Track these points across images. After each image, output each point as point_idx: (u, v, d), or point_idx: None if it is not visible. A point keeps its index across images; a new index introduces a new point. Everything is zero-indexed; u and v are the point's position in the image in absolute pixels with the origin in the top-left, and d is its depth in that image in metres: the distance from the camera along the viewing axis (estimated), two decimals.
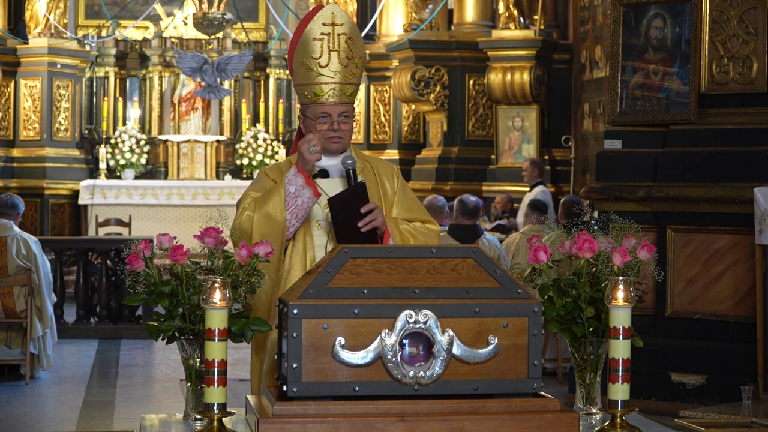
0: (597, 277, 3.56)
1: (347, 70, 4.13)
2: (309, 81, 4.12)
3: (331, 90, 4.11)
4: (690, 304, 7.88)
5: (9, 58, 16.26)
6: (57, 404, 8.59)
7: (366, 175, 4.23)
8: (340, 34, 4.12)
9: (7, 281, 9.12)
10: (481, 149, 15.93)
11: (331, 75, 4.10)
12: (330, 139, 4.15)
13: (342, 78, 4.12)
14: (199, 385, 3.41)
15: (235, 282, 3.39)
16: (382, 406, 2.98)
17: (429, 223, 4.29)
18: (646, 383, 7.62)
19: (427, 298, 3.04)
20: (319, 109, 4.13)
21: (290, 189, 4.03)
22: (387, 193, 4.26)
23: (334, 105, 4.12)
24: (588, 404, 3.57)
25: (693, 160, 7.90)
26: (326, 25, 4.11)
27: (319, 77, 4.11)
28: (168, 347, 7.93)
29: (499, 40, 15.63)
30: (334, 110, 4.13)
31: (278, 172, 4.23)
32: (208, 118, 17.48)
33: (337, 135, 4.15)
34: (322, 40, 4.10)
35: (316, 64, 4.10)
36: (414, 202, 4.33)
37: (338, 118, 4.14)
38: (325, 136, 4.14)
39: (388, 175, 4.30)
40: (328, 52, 4.10)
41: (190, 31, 17.39)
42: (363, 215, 3.99)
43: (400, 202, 4.27)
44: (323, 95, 4.11)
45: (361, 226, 3.98)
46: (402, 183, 4.33)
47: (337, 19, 4.12)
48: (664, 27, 8.06)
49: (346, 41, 4.12)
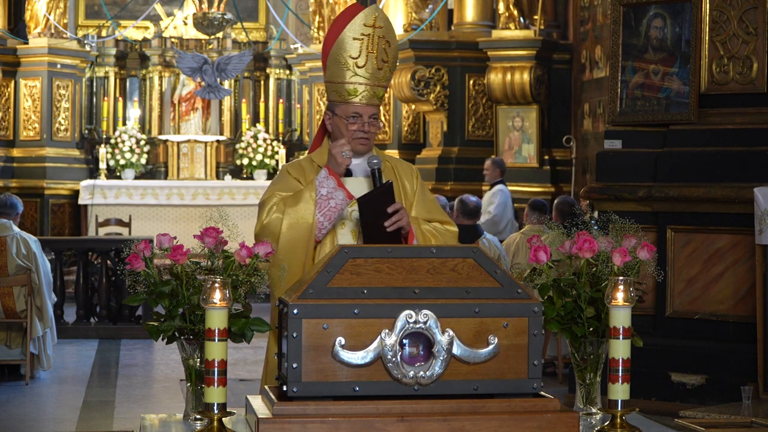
0: (597, 277, 3.56)
1: (381, 73, 4.14)
2: (343, 79, 4.12)
3: (365, 91, 4.11)
4: (690, 304, 7.87)
5: (9, 58, 16.27)
6: (57, 404, 8.59)
7: (387, 175, 4.23)
8: (380, 36, 4.12)
9: (7, 281, 9.11)
10: (481, 149, 15.92)
11: (366, 76, 4.10)
12: (358, 139, 4.14)
13: (376, 80, 4.13)
14: (199, 385, 3.41)
15: (235, 282, 3.39)
16: (382, 406, 2.98)
17: (447, 224, 4.29)
18: (646, 383, 7.62)
19: (427, 298, 3.04)
20: (351, 108, 4.13)
21: (322, 191, 4.03)
22: (407, 193, 4.26)
23: (365, 106, 4.13)
24: (588, 404, 3.57)
25: (693, 160, 7.90)
26: (367, 26, 4.10)
27: (354, 77, 4.10)
28: (168, 347, 7.92)
29: (499, 40, 15.62)
30: (365, 111, 4.13)
31: (300, 170, 4.21)
32: (208, 118, 17.48)
33: (366, 137, 4.15)
34: (362, 41, 4.09)
35: (354, 63, 4.10)
36: (433, 203, 4.34)
37: (368, 119, 4.14)
38: (354, 136, 4.14)
39: (408, 176, 4.30)
40: (366, 53, 4.10)
41: (190, 31, 17.39)
42: (389, 215, 3.99)
43: (419, 202, 4.27)
44: (357, 95, 4.11)
45: (387, 226, 3.98)
46: (421, 183, 4.34)
47: (378, 22, 4.12)
48: (664, 27, 8.06)
49: (384, 44, 4.13)
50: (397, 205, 4.02)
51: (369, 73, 4.11)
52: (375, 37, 4.11)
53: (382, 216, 3.99)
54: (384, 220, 3.98)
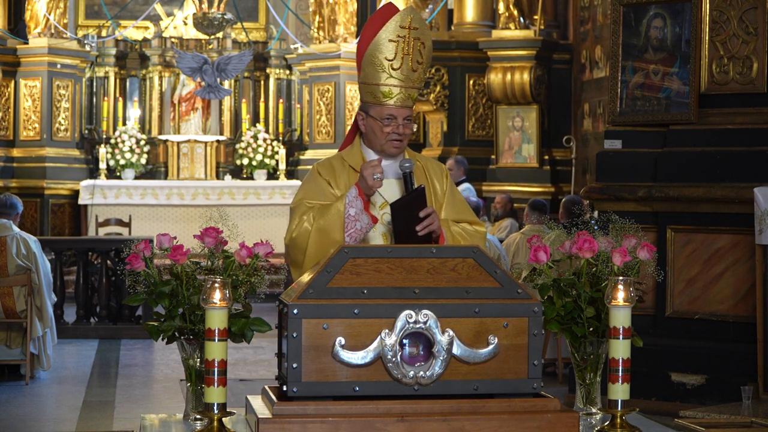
0: (597, 277, 3.56)
1: (416, 75, 4.12)
2: (378, 81, 4.10)
3: (400, 93, 4.10)
4: (690, 304, 7.87)
5: (9, 58, 16.27)
6: (57, 404, 8.59)
7: (417, 175, 4.22)
8: (415, 38, 4.11)
9: (7, 281, 9.11)
10: (481, 149, 15.93)
11: (401, 78, 4.09)
12: (392, 142, 4.13)
13: (410, 82, 4.11)
14: (199, 385, 3.41)
15: (235, 282, 3.39)
16: (382, 406, 2.98)
17: (476, 225, 4.27)
18: (646, 383, 7.62)
19: (427, 298, 3.04)
20: (385, 110, 4.11)
21: (351, 211, 4.00)
22: (437, 193, 4.25)
23: (400, 108, 4.11)
24: (588, 404, 3.57)
25: (693, 160, 7.90)
26: (402, 28, 4.09)
27: (389, 78, 4.09)
28: (168, 347, 7.91)
29: (499, 40, 15.63)
30: (400, 113, 4.11)
31: (330, 170, 4.19)
32: (208, 118, 17.48)
33: (400, 138, 4.13)
34: (397, 42, 4.08)
35: (389, 65, 4.08)
36: (462, 204, 4.32)
37: (403, 121, 4.12)
38: (388, 138, 4.12)
39: (438, 176, 4.28)
40: (401, 54, 4.08)
41: (190, 31, 17.39)
42: (420, 219, 3.97)
43: (449, 203, 4.25)
44: (392, 97, 4.10)
45: (419, 230, 3.97)
46: (451, 183, 4.32)
47: (413, 23, 4.11)
48: (664, 27, 8.06)
49: (419, 46, 4.12)
50: (429, 210, 4.00)
51: (404, 74, 4.09)
52: (410, 39, 4.10)
53: (414, 220, 3.98)
54: (416, 224, 3.97)
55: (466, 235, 4.16)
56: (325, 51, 16.69)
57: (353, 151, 4.23)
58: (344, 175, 4.16)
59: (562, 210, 9.86)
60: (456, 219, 4.23)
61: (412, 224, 3.96)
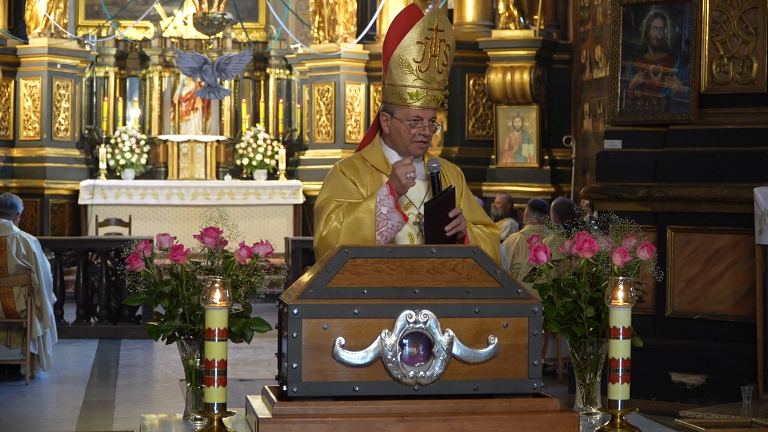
0: (597, 277, 3.56)
1: (441, 77, 4.13)
2: (406, 83, 4.10)
3: (426, 95, 4.10)
4: (690, 304, 7.87)
5: (9, 58, 16.27)
6: (57, 404, 8.59)
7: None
8: (442, 40, 4.12)
9: (7, 281, 9.11)
10: (481, 149, 15.93)
11: (428, 80, 4.09)
12: (417, 143, 4.13)
13: (438, 84, 4.12)
14: (199, 385, 3.41)
15: (235, 282, 3.39)
16: (382, 406, 2.98)
17: (491, 227, 4.29)
18: (646, 383, 7.62)
19: (427, 298, 3.04)
20: (412, 112, 4.10)
21: (382, 210, 4.00)
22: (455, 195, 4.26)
23: (426, 110, 4.11)
24: (588, 404, 3.57)
25: (693, 160, 7.90)
26: (431, 30, 4.10)
27: (416, 80, 4.09)
28: (168, 347, 7.92)
29: (499, 40, 15.63)
30: (426, 115, 4.11)
31: (354, 170, 4.18)
32: (208, 118, 17.48)
33: (425, 140, 4.14)
34: (425, 45, 4.09)
35: (417, 67, 4.08)
36: (477, 206, 4.34)
37: (428, 123, 4.12)
38: (413, 140, 4.12)
39: (454, 178, 4.29)
40: (429, 56, 4.09)
41: (190, 31, 17.39)
42: (449, 219, 3.98)
43: (465, 205, 4.25)
44: (419, 99, 4.10)
45: (447, 230, 3.97)
46: (466, 186, 4.33)
47: (440, 25, 4.12)
48: (664, 27, 8.06)
49: (445, 49, 4.13)
50: (458, 210, 4.02)
51: (430, 77, 4.10)
52: (437, 41, 4.11)
53: (443, 220, 3.98)
54: (444, 225, 3.97)
55: (485, 237, 4.17)
56: (325, 51, 16.69)
57: (374, 151, 4.23)
58: (368, 174, 4.16)
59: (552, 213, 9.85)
60: (472, 221, 4.23)
61: (441, 224, 3.98)
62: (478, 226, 4.22)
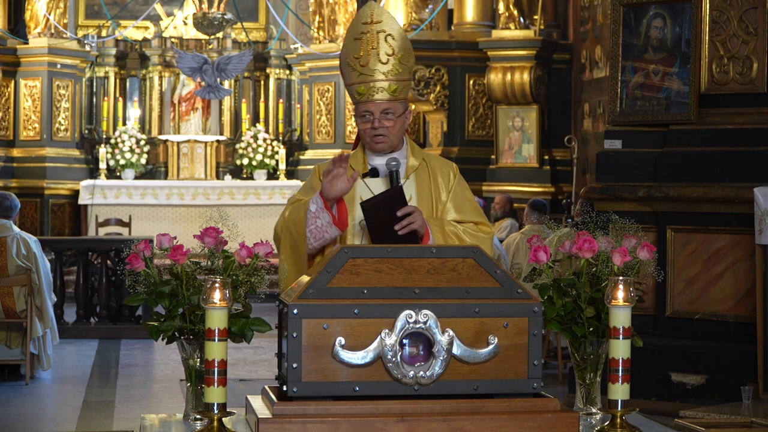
0: (597, 277, 3.56)
1: (389, 67, 4.08)
2: (353, 80, 4.11)
3: (373, 88, 4.08)
4: (690, 304, 7.87)
5: (9, 58, 16.27)
6: (57, 404, 8.59)
7: (420, 174, 4.19)
8: (379, 31, 4.09)
9: (7, 281, 9.11)
10: (481, 149, 15.93)
11: (371, 73, 4.07)
12: (373, 138, 4.11)
13: (384, 75, 4.08)
14: (199, 385, 3.41)
15: (235, 282, 3.39)
16: (382, 406, 2.98)
17: (482, 225, 4.22)
18: (646, 383, 7.62)
19: (427, 298, 3.04)
20: (362, 107, 4.10)
21: (312, 207, 4.02)
22: (440, 192, 4.22)
23: (376, 102, 4.08)
24: (588, 404, 3.57)
25: (693, 160, 7.90)
26: (365, 24, 4.09)
27: (361, 76, 4.08)
28: (168, 347, 7.91)
29: (499, 40, 15.63)
30: (376, 108, 4.08)
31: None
32: (208, 118, 17.48)
33: (380, 133, 4.09)
34: (362, 39, 4.08)
35: (357, 63, 4.08)
36: (468, 203, 4.26)
37: (380, 116, 4.09)
38: (369, 135, 4.12)
39: (443, 174, 4.24)
40: (368, 50, 4.08)
41: (190, 31, 17.40)
42: (400, 218, 3.96)
43: (452, 201, 4.21)
44: (365, 93, 4.08)
45: (397, 229, 3.96)
46: (459, 182, 4.26)
47: (375, 17, 4.10)
48: (664, 27, 8.06)
49: (386, 38, 4.09)
50: (408, 209, 3.97)
51: (372, 69, 4.08)
52: (374, 32, 4.09)
53: (394, 219, 3.96)
54: (395, 223, 3.95)
55: (464, 237, 4.11)
56: (325, 51, 16.68)
57: (357, 151, 4.25)
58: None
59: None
60: (458, 219, 4.19)
61: (392, 223, 3.96)
62: (465, 225, 4.19)
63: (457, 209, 4.22)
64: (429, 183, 4.19)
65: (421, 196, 4.15)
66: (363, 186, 4.13)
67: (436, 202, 4.18)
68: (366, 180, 4.13)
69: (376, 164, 4.17)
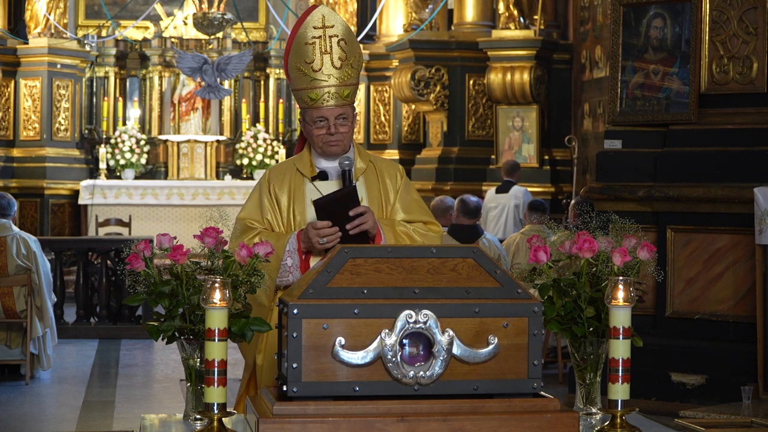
0: (597, 277, 3.56)
1: (342, 72, 4.07)
2: (304, 86, 4.07)
3: (327, 93, 4.06)
4: (690, 304, 7.87)
5: (9, 58, 16.27)
6: (57, 404, 8.59)
7: (368, 176, 4.21)
8: (332, 36, 4.07)
9: (7, 281, 9.11)
10: (481, 149, 15.93)
11: (324, 78, 4.05)
12: (328, 143, 4.11)
13: (337, 80, 4.06)
14: (199, 385, 3.41)
15: (235, 282, 3.39)
16: (382, 406, 2.98)
17: (431, 224, 4.25)
18: (646, 383, 7.62)
19: (427, 298, 3.04)
20: (315, 113, 4.09)
21: (288, 261, 4.02)
22: (389, 193, 4.24)
23: (331, 108, 4.07)
24: (588, 404, 3.57)
25: (693, 160, 7.90)
26: (317, 29, 4.06)
27: (313, 81, 4.05)
28: (168, 347, 7.93)
29: (499, 40, 15.63)
30: (330, 113, 4.08)
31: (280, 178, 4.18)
32: (208, 118, 17.48)
33: (336, 138, 4.10)
34: (314, 44, 4.05)
35: (310, 68, 4.05)
36: (415, 203, 4.28)
37: (335, 121, 4.09)
38: (323, 140, 4.11)
39: (391, 175, 4.26)
40: (320, 55, 4.04)
41: (190, 31, 17.39)
42: (352, 218, 3.97)
43: (400, 202, 4.24)
44: (319, 99, 4.06)
45: (349, 229, 3.97)
46: (405, 183, 4.29)
47: (327, 21, 4.07)
48: (664, 27, 8.06)
49: (338, 42, 4.07)
50: (360, 209, 3.99)
51: (327, 74, 4.05)
52: (326, 38, 4.06)
53: (346, 219, 3.97)
54: (347, 223, 3.96)
55: (414, 235, 4.15)
56: None
57: (302, 155, 4.24)
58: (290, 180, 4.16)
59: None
60: (407, 219, 4.22)
61: (344, 223, 3.96)
62: (414, 224, 4.20)
63: (406, 209, 4.25)
64: (378, 184, 4.22)
65: (370, 198, 4.17)
66: (313, 189, 4.14)
67: (385, 203, 4.20)
68: (316, 183, 4.14)
69: (323, 167, 4.18)
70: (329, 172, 4.17)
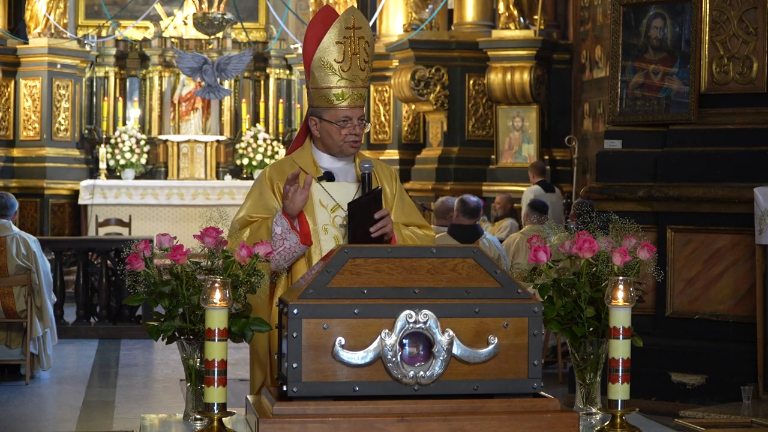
0: (597, 277, 3.56)
1: (363, 74, 4.13)
2: (330, 84, 4.10)
3: (352, 94, 4.11)
4: (690, 304, 7.87)
5: (9, 58, 16.27)
6: (57, 404, 8.59)
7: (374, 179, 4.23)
8: (360, 37, 4.11)
9: (7, 281, 9.11)
10: (481, 149, 15.92)
11: (352, 79, 4.09)
12: (349, 143, 4.15)
13: (362, 82, 4.13)
14: (199, 385, 3.41)
15: (235, 282, 3.39)
16: (382, 406, 2.98)
17: (425, 228, 4.31)
18: (646, 383, 7.62)
19: (427, 298, 3.04)
20: (341, 113, 4.11)
21: (276, 230, 4.01)
22: (387, 196, 4.26)
23: (354, 109, 4.12)
24: (588, 404, 3.57)
25: (693, 160, 7.90)
26: (348, 29, 4.09)
27: (341, 81, 4.09)
28: (168, 347, 7.93)
29: (499, 40, 15.62)
30: (354, 114, 4.13)
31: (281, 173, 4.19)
32: (208, 118, 17.48)
33: (357, 139, 4.15)
34: (344, 44, 4.08)
35: (339, 67, 4.08)
36: (411, 207, 4.34)
37: (358, 121, 4.14)
38: (345, 140, 4.14)
39: (387, 179, 4.30)
40: (350, 55, 4.08)
41: (190, 31, 17.39)
42: (375, 221, 3.99)
43: (398, 206, 4.27)
44: (346, 99, 4.10)
45: (372, 232, 3.98)
46: (400, 187, 4.34)
47: (357, 23, 4.11)
48: (664, 27, 8.06)
49: (364, 45, 4.12)
50: (384, 212, 4.03)
51: (354, 75, 4.10)
52: (356, 38, 4.10)
53: (369, 222, 3.99)
54: (370, 225, 3.98)
55: (416, 239, 4.19)
56: None
57: (304, 154, 4.24)
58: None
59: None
60: (405, 222, 4.26)
61: (366, 225, 3.98)
62: (410, 227, 4.23)
63: (404, 213, 4.29)
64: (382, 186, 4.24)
65: None
66: (321, 190, 4.16)
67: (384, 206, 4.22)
68: (323, 184, 4.15)
69: (327, 167, 4.20)
70: (336, 173, 4.18)
